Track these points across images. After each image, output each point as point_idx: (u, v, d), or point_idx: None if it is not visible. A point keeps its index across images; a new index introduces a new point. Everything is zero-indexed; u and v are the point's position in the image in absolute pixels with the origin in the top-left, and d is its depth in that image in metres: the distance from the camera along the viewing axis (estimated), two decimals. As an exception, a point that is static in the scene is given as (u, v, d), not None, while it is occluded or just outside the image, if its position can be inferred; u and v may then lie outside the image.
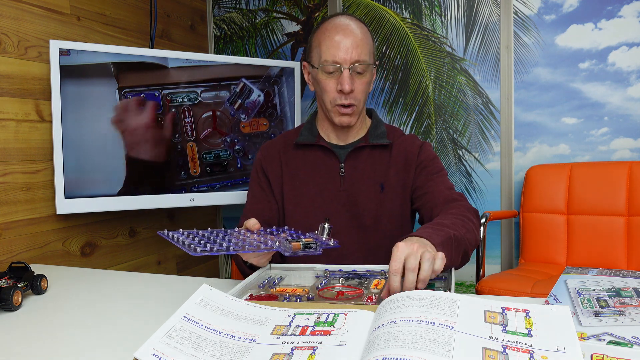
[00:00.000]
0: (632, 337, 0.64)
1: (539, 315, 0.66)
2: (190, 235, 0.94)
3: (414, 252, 0.81)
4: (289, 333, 0.70)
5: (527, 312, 0.67)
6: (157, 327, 0.67)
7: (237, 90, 2.08)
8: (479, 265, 2.01)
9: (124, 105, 1.84)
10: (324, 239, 0.97)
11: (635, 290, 0.82)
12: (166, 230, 0.92)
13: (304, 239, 0.91)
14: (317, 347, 0.64)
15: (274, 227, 1.09)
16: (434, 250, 0.85)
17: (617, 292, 0.81)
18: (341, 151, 1.28)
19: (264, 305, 0.79)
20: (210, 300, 0.76)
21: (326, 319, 0.72)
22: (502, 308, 0.68)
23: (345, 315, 0.72)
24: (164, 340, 0.64)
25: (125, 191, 1.85)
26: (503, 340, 0.60)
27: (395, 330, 0.61)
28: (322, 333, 0.68)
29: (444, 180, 1.25)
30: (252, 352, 0.66)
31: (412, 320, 0.63)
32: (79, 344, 0.83)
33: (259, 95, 2.12)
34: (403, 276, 0.81)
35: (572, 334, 0.61)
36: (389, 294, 0.80)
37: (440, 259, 0.83)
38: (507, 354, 0.57)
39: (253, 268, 1.14)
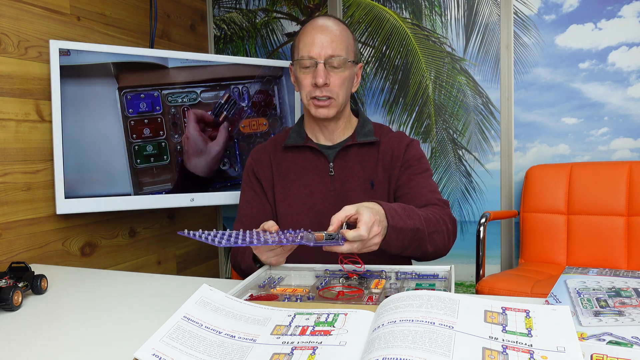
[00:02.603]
0: (632, 337, 0.64)
1: (539, 315, 0.66)
2: (211, 233, 0.94)
3: (366, 239, 0.91)
4: (289, 333, 0.69)
5: (527, 312, 0.67)
6: (157, 327, 0.67)
7: (222, 101, 2.06)
8: (479, 265, 2.01)
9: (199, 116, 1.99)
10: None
11: (635, 290, 0.82)
12: (186, 230, 0.92)
13: (325, 232, 0.93)
14: (317, 347, 0.64)
15: (290, 229, 1.09)
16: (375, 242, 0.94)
17: (617, 292, 0.81)
18: (329, 151, 1.29)
19: (264, 305, 0.79)
20: (210, 300, 0.76)
21: (326, 319, 0.72)
22: (502, 308, 0.68)
23: (345, 315, 0.72)
24: (163, 340, 0.64)
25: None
26: (503, 340, 0.60)
27: (395, 330, 0.61)
28: (322, 333, 0.68)
29: (428, 182, 1.25)
30: (252, 352, 0.66)
31: (412, 320, 0.63)
32: (79, 344, 0.83)
33: (246, 105, 2.11)
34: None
35: (572, 334, 0.61)
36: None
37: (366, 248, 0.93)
38: (507, 354, 0.57)
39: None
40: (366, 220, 0.90)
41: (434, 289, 0.91)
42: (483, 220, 1.99)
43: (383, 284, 0.95)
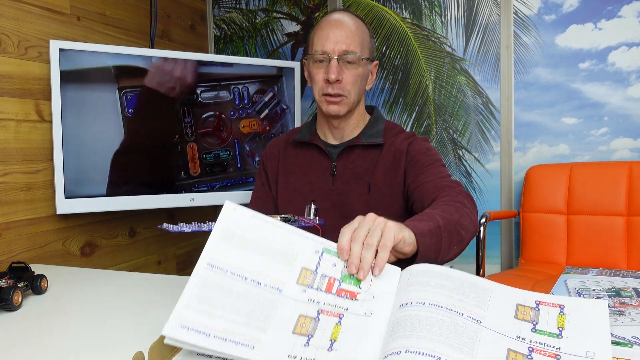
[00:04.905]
0: (632, 337, 0.64)
1: (574, 311, 0.63)
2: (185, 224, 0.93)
3: (365, 223, 0.77)
4: (315, 286, 0.68)
5: (562, 308, 0.64)
6: (156, 327, 0.67)
7: (266, 99, 2.11)
8: (479, 265, 2.01)
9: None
10: (311, 218, 0.98)
11: (635, 290, 0.82)
12: (165, 224, 0.91)
13: (281, 214, 0.93)
14: (343, 316, 0.64)
15: None
16: (391, 229, 0.77)
17: (617, 292, 0.81)
18: (334, 150, 1.28)
19: (292, 229, 0.74)
20: (235, 228, 0.71)
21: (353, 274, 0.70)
22: (535, 302, 0.66)
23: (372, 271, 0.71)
24: (190, 306, 0.62)
25: (121, 191, 1.85)
26: (530, 341, 0.59)
27: (422, 316, 0.60)
28: (349, 295, 0.67)
29: (437, 170, 1.19)
30: (278, 310, 0.64)
31: (441, 307, 0.61)
32: (79, 344, 0.83)
33: (285, 107, 2.18)
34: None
35: (605, 336, 0.58)
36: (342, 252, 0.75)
37: (389, 232, 0.75)
38: (532, 357, 0.56)
39: None
40: (352, 221, 0.80)
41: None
42: (483, 220, 1.99)
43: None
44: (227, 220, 0.71)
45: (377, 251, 0.72)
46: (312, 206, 1.00)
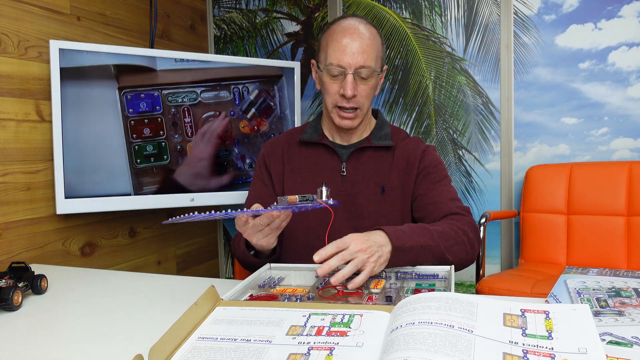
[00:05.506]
0: (632, 337, 0.64)
1: (559, 315, 0.65)
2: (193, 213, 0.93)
3: (362, 253, 0.90)
4: (305, 333, 0.69)
5: (547, 314, 0.66)
6: (156, 327, 0.67)
7: (252, 98, 2.09)
8: (479, 265, 2.01)
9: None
10: (323, 200, 0.98)
11: (635, 290, 0.82)
12: (170, 218, 0.91)
13: (299, 195, 0.94)
14: (334, 348, 0.64)
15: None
16: (375, 262, 0.92)
17: (617, 292, 0.81)
18: (343, 151, 1.28)
19: (278, 308, 0.79)
20: (224, 317, 0.76)
21: (342, 320, 0.72)
22: (521, 310, 0.67)
23: (361, 316, 0.72)
24: None
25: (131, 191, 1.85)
26: (524, 344, 0.59)
27: (414, 332, 0.60)
28: (339, 334, 0.68)
29: (448, 189, 1.23)
30: (268, 353, 0.65)
31: (431, 323, 0.62)
32: (79, 344, 0.83)
33: (273, 105, 2.15)
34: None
35: (593, 334, 0.60)
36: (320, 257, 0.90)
37: (370, 266, 0.91)
38: (527, 359, 0.57)
39: (258, 256, 1.14)
40: (346, 242, 0.92)
41: (433, 289, 0.91)
42: (483, 220, 1.99)
43: (383, 284, 0.95)
44: (217, 316, 0.77)
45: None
46: (324, 188, 0.99)
